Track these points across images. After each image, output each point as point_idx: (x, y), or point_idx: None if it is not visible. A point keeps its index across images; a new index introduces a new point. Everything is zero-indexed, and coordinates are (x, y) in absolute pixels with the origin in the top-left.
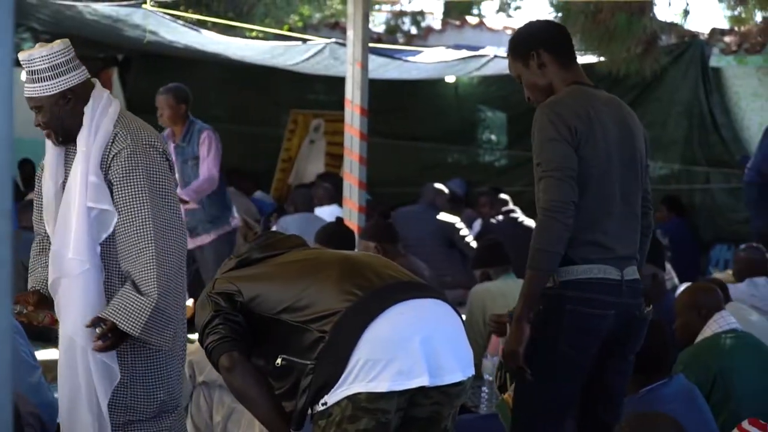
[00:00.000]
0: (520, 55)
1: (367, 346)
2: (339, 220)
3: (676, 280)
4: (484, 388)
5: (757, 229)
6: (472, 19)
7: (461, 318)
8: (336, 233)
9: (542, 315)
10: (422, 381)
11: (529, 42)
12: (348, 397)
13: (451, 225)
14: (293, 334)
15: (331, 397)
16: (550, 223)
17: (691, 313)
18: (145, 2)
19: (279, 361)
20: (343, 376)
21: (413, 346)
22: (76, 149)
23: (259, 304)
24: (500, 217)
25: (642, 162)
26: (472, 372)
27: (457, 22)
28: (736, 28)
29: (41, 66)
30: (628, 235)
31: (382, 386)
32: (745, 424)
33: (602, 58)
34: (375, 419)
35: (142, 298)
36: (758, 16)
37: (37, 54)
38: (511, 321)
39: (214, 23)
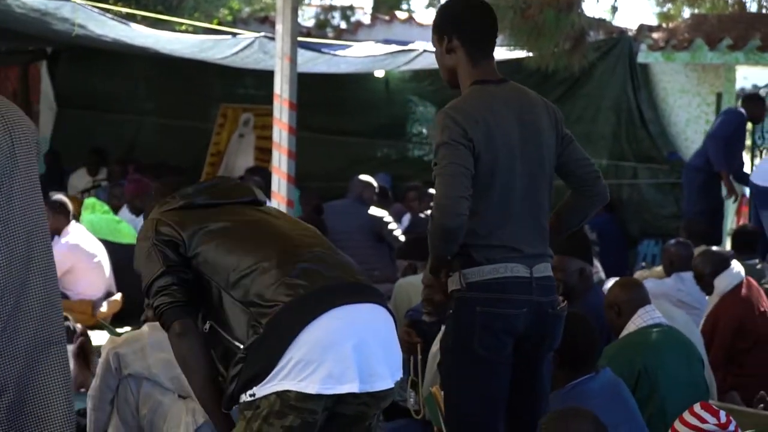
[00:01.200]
0: (437, 32)
1: (301, 347)
2: None
3: (602, 274)
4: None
5: (688, 213)
6: (401, 14)
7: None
8: None
9: (454, 319)
10: (352, 387)
11: (447, 24)
12: (277, 393)
13: (380, 219)
14: (227, 306)
15: (260, 390)
16: (440, 219)
17: (610, 312)
18: None
19: (207, 326)
20: (273, 371)
21: (346, 351)
22: None
23: (200, 264)
24: (429, 212)
25: (551, 156)
26: (400, 376)
27: (387, 17)
28: (663, 25)
29: None
30: (537, 233)
31: (311, 388)
32: (697, 407)
33: (531, 54)
34: (302, 418)
35: None
36: (686, 13)
37: None
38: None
39: (143, 17)
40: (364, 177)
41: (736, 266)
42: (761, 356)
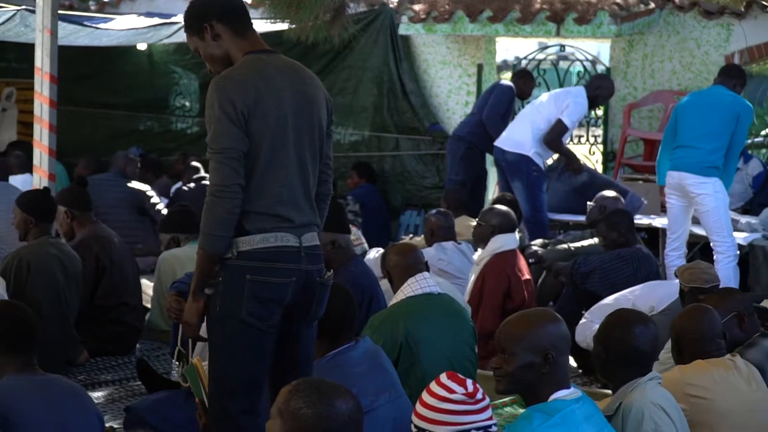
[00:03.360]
0: (195, 30)
1: None
2: (45, 191)
3: (365, 245)
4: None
5: (451, 183)
6: None
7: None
8: (40, 202)
9: (224, 286)
10: None
11: (202, 15)
12: None
13: (142, 192)
14: None
15: None
16: (215, 207)
17: (387, 277)
18: None
19: None
20: None
21: None
22: None
23: None
24: (192, 185)
25: (322, 129)
26: None
27: None
28: None
29: None
30: (306, 203)
31: None
32: (443, 377)
33: (291, 26)
34: None
35: None
36: None
37: None
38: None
39: None
40: (127, 152)
41: (516, 234)
42: None
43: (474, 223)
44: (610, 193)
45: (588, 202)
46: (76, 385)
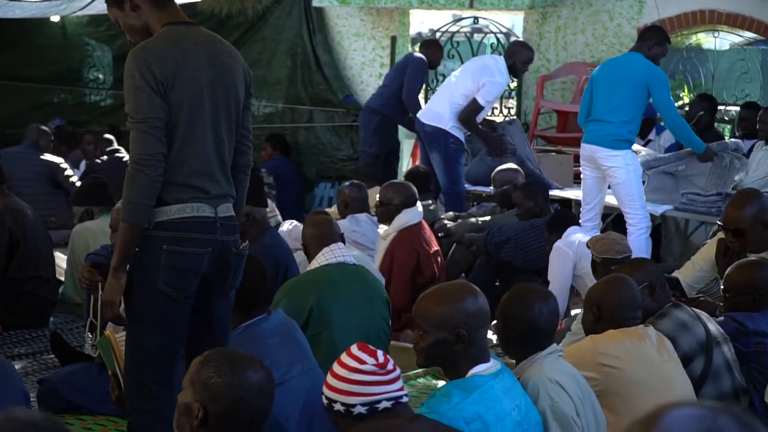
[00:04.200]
0: (115, 1)
1: None
2: None
3: (279, 217)
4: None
5: (364, 155)
6: None
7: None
8: None
9: (140, 257)
10: None
11: None
12: None
13: (56, 165)
14: None
15: None
16: (138, 176)
17: (304, 248)
18: None
19: None
20: None
21: None
22: None
23: None
24: (105, 157)
25: (240, 101)
26: None
27: None
28: None
29: None
30: (221, 174)
31: None
32: (354, 349)
33: None
34: None
35: None
36: None
37: None
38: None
39: None
40: (40, 125)
41: (418, 206)
42: None
43: None
44: (506, 167)
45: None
46: (2, 358)
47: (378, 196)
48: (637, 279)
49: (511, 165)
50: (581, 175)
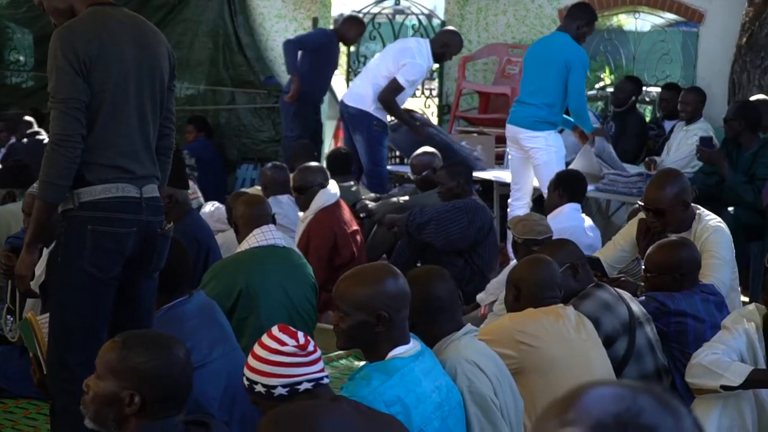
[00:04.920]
0: None
1: None
2: None
3: (202, 199)
4: (9, 316)
5: (288, 138)
6: None
7: None
8: None
9: (65, 237)
10: None
11: None
12: None
13: None
14: None
15: None
16: (56, 156)
17: (234, 227)
18: None
19: None
20: None
21: None
22: None
23: None
24: (26, 140)
25: (163, 83)
26: None
27: None
28: None
29: None
30: (146, 155)
31: None
32: (275, 330)
33: None
34: None
35: None
36: None
37: None
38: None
39: None
40: None
41: (333, 187)
42: None
43: None
44: (423, 151)
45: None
46: None
47: (293, 184)
48: (558, 260)
49: (428, 149)
50: (508, 156)
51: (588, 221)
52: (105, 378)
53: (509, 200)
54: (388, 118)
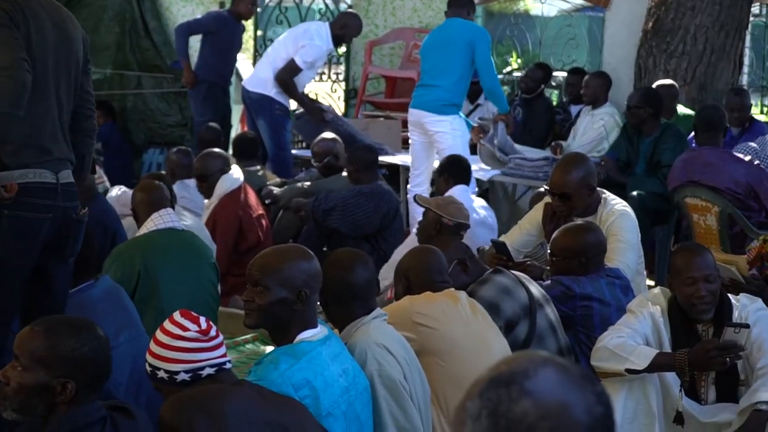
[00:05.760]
0: None
1: None
2: None
3: (107, 183)
4: None
5: (198, 124)
6: None
7: None
8: None
9: None
10: None
11: None
12: None
13: None
14: None
15: None
16: (5, 82)
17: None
18: None
19: None
20: None
21: None
22: None
23: None
24: None
25: (79, 65)
26: None
27: None
28: None
29: None
30: (63, 138)
31: None
32: (177, 316)
33: None
34: None
35: None
36: None
37: None
38: None
39: None
40: None
41: (236, 171)
42: None
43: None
44: (323, 137)
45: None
46: None
47: (194, 172)
48: (446, 258)
49: (328, 134)
50: (409, 141)
51: (479, 201)
52: (32, 368)
53: (409, 185)
54: (293, 104)
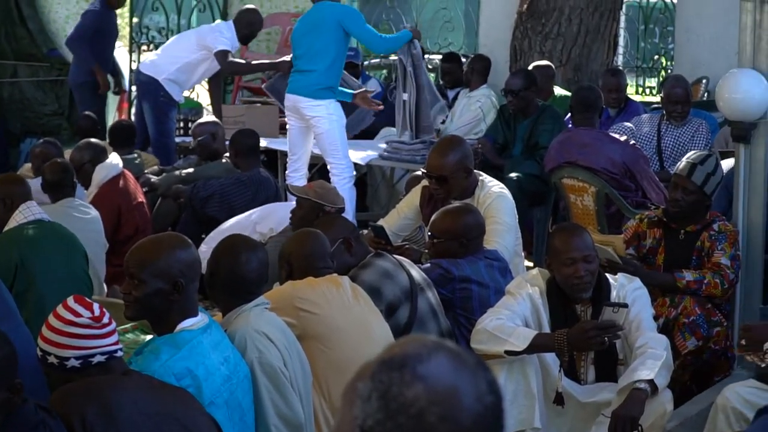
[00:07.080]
0: None
1: None
2: None
3: None
4: None
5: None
6: None
7: None
8: None
9: None
10: None
11: None
12: None
13: None
14: None
15: None
16: None
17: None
18: None
19: None
20: None
21: None
22: None
23: None
24: None
25: None
26: None
27: None
28: None
29: None
30: None
31: None
32: (70, 301)
33: None
34: None
35: None
36: None
37: None
38: None
39: None
40: None
41: (114, 158)
42: None
43: None
44: (204, 120)
45: None
46: None
47: (71, 162)
48: (331, 236)
49: (211, 118)
50: (287, 126)
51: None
52: None
53: (287, 171)
54: (184, 93)
